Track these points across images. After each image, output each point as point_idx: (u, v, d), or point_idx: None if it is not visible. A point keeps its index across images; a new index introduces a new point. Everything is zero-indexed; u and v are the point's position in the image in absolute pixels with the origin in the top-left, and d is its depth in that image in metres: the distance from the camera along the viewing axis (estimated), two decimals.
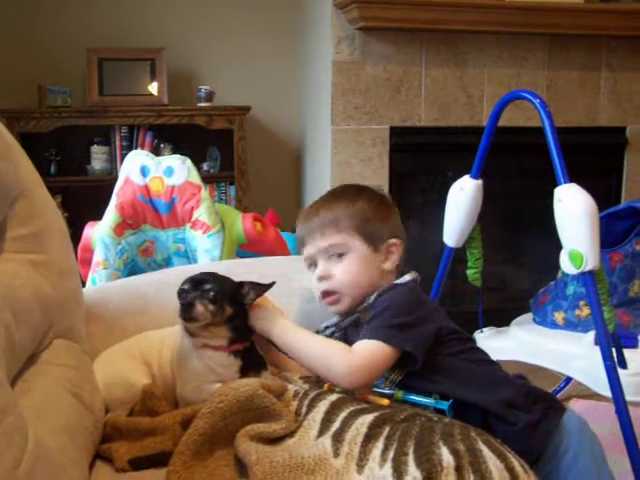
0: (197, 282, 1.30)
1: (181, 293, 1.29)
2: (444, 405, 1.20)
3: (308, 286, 1.66)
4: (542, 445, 1.20)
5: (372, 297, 1.33)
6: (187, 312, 1.26)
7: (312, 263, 1.41)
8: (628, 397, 1.73)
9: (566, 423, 1.24)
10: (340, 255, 1.35)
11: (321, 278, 1.37)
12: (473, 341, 1.35)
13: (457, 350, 1.28)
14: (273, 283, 1.35)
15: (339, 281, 1.35)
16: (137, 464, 1.16)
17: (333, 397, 1.19)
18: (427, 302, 1.35)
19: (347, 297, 1.35)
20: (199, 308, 1.26)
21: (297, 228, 1.45)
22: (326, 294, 1.37)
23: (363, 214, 1.37)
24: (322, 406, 1.17)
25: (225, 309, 1.29)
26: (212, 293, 1.28)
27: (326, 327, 1.41)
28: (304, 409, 1.17)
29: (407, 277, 1.36)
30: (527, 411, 1.22)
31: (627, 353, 1.90)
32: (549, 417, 1.24)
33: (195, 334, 1.31)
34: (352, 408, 1.15)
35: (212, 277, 1.31)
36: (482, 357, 1.33)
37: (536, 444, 1.17)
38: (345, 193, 1.44)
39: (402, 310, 1.26)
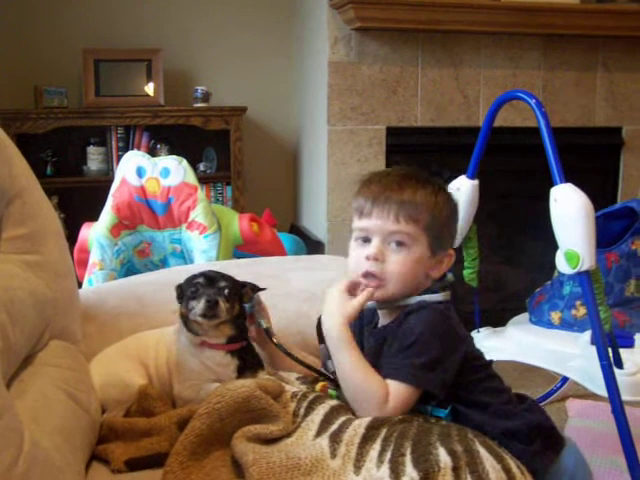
0: (211, 279, 1.31)
1: (196, 287, 1.30)
2: (442, 413, 1.19)
3: (304, 287, 1.67)
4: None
5: (405, 301, 1.26)
6: (213, 309, 1.27)
7: (364, 237, 1.27)
8: (624, 397, 1.73)
9: (562, 460, 1.22)
10: (399, 244, 1.24)
11: (374, 258, 1.25)
12: (490, 367, 1.30)
13: (474, 379, 1.23)
14: (265, 289, 1.37)
15: (392, 270, 1.24)
16: (133, 465, 1.16)
17: (333, 402, 1.19)
18: (454, 330, 1.24)
19: (390, 288, 1.25)
20: (222, 305, 1.28)
21: (361, 195, 1.29)
22: (370, 275, 1.25)
23: (439, 214, 1.26)
24: (322, 409, 1.16)
25: (235, 307, 1.32)
26: (227, 290, 1.30)
27: None
28: (302, 411, 1.17)
29: (438, 296, 1.26)
30: (526, 444, 1.18)
31: (623, 353, 1.90)
32: (546, 454, 1.21)
33: (200, 332, 1.31)
34: (352, 415, 1.16)
35: (222, 275, 1.33)
36: (496, 386, 1.28)
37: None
38: (428, 182, 1.29)
39: (429, 345, 1.18)
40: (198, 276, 1.32)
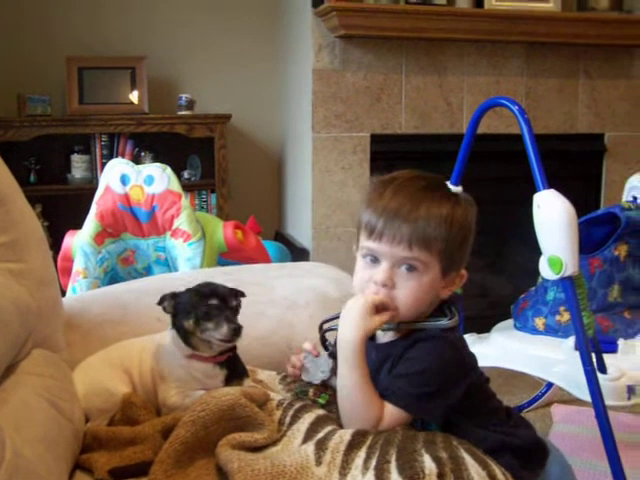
0: (224, 298, 1.26)
1: (208, 307, 1.25)
2: (432, 427, 1.18)
3: (288, 294, 1.66)
4: None
5: (413, 325, 1.21)
6: (237, 335, 1.23)
7: (372, 257, 1.19)
8: (607, 402, 1.74)
9: (548, 470, 1.22)
10: (411, 269, 1.17)
11: (382, 284, 1.17)
12: (488, 387, 1.27)
13: (474, 401, 1.20)
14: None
15: (402, 296, 1.18)
16: (117, 474, 1.15)
17: (320, 411, 1.19)
18: (462, 361, 1.20)
19: (400, 313, 1.19)
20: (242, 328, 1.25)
21: (372, 209, 1.20)
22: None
23: (454, 238, 1.18)
24: (308, 418, 1.16)
25: None
26: (239, 309, 1.27)
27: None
28: (288, 419, 1.17)
29: (445, 322, 1.20)
30: (515, 459, 1.17)
31: (606, 358, 1.91)
32: (532, 466, 1.21)
33: (202, 348, 1.28)
34: (337, 425, 1.15)
35: (229, 290, 1.29)
36: (492, 406, 1.26)
37: None
38: (444, 199, 1.20)
39: (434, 378, 1.15)
40: (211, 293, 1.26)
